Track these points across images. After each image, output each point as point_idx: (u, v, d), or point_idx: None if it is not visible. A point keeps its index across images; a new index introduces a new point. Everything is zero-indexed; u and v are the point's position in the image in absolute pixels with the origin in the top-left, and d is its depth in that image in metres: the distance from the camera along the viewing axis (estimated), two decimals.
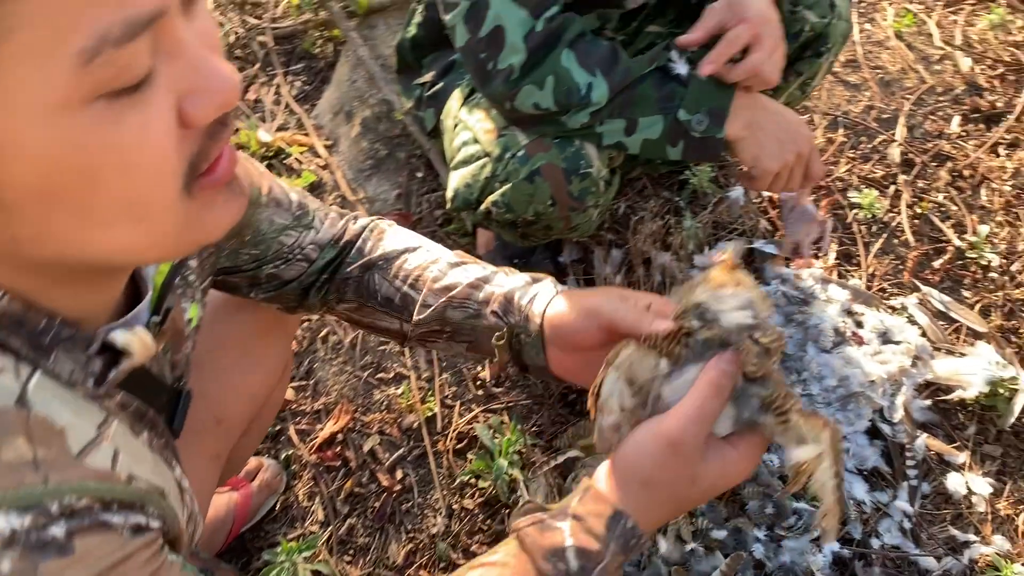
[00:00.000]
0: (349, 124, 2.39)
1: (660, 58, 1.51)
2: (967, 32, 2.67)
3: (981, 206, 2.28)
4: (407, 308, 1.10)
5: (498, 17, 1.45)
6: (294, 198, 1.12)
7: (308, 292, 1.17)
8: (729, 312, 0.85)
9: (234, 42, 2.69)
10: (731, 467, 0.85)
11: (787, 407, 0.84)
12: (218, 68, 0.56)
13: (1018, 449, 1.91)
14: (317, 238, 1.13)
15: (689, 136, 1.51)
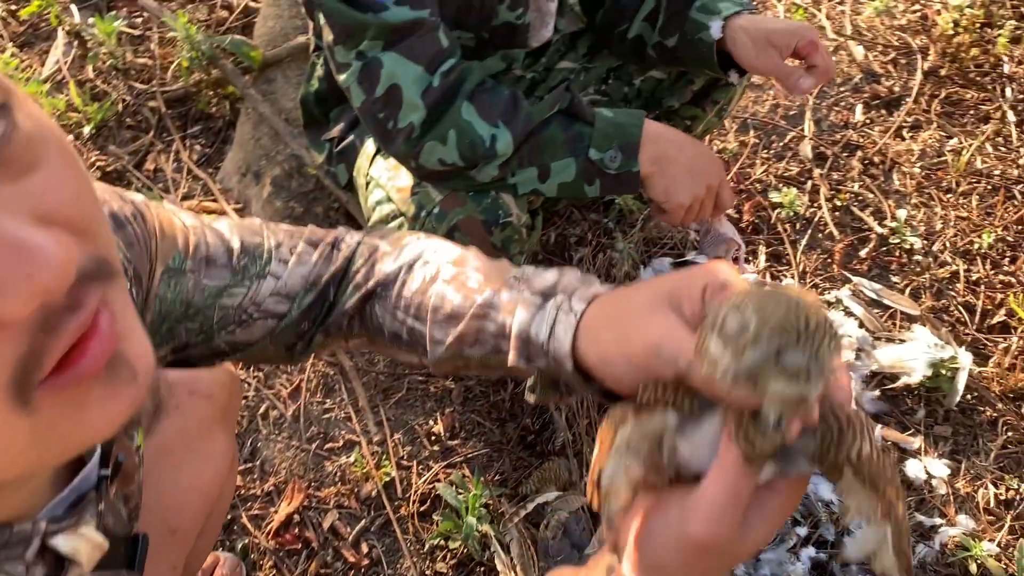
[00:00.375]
0: (259, 184, 2.29)
1: (563, 99, 1.48)
2: (855, 21, 2.74)
3: (896, 191, 2.34)
4: (418, 343, 0.94)
5: (392, 75, 1.40)
6: (235, 245, 0.94)
7: (293, 348, 1.02)
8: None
9: (123, 110, 2.56)
10: (774, 518, 0.71)
11: (840, 460, 0.69)
12: (23, 246, 0.41)
13: (966, 426, 1.96)
14: (280, 287, 0.95)
15: (604, 174, 1.49)
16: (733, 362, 0.61)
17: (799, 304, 0.62)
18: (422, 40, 1.41)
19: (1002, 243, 2.21)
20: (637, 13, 1.75)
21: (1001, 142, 2.42)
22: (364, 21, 1.39)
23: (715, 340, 0.62)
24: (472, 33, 1.67)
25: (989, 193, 2.31)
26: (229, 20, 2.65)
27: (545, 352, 0.82)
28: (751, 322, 0.60)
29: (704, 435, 0.70)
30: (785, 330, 0.60)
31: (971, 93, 2.54)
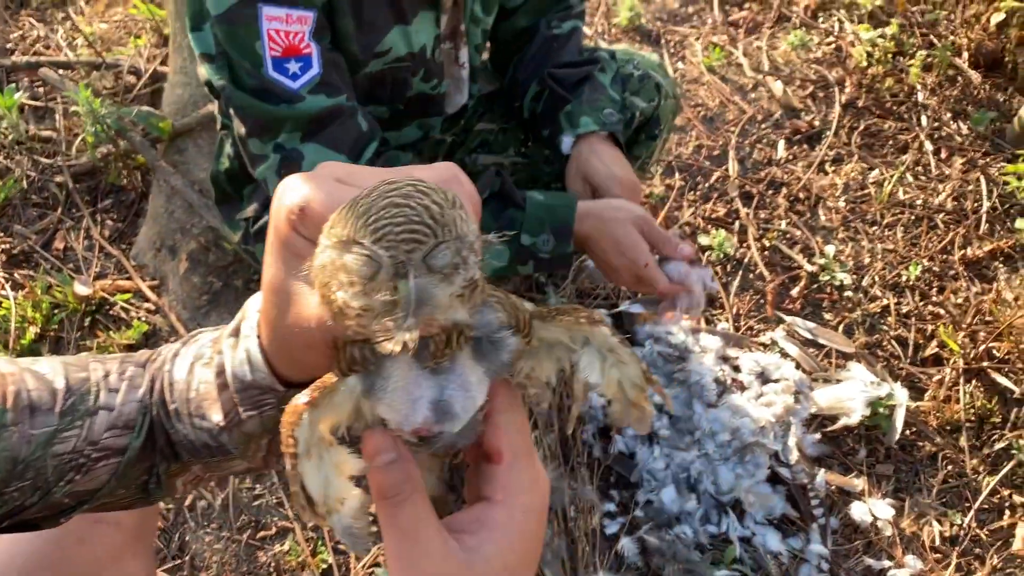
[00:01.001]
0: (175, 259, 2.20)
1: (494, 183, 1.45)
2: (772, 56, 2.77)
3: (822, 226, 2.35)
4: (224, 445, 0.84)
5: (314, 167, 1.35)
6: (60, 386, 0.85)
7: (147, 487, 0.92)
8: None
9: (28, 187, 2.44)
10: (515, 508, 0.64)
11: (522, 318, 0.62)
12: None
13: (907, 463, 1.96)
14: (115, 419, 0.86)
15: (538, 257, 1.47)
16: (389, 304, 0.51)
17: (409, 197, 0.52)
18: (343, 127, 1.37)
19: (929, 274, 2.23)
20: (527, 92, 1.74)
21: (921, 171, 2.45)
22: (280, 114, 1.33)
23: (351, 294, 0.52)
24: (386, 106, 1.62)
25: (913, 224, 2.34)
26: (137, 87, 2.56)
27: (260, 386, 0.76)
28: (378, 254, 0.51)
29: (396, 383, 0.60)
30: (418, 239, 0.51)
31: (889, 123, 2.57)
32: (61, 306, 2.16)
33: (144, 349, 0.95)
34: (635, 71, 1.78)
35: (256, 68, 1.32)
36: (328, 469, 0.63)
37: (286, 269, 0.64)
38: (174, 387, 0.85)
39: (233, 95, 1.36)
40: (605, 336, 0.65)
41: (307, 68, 1.35)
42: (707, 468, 1.90)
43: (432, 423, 0.60)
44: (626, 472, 1.92)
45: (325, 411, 0.62)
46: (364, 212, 0.51)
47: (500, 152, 1.88)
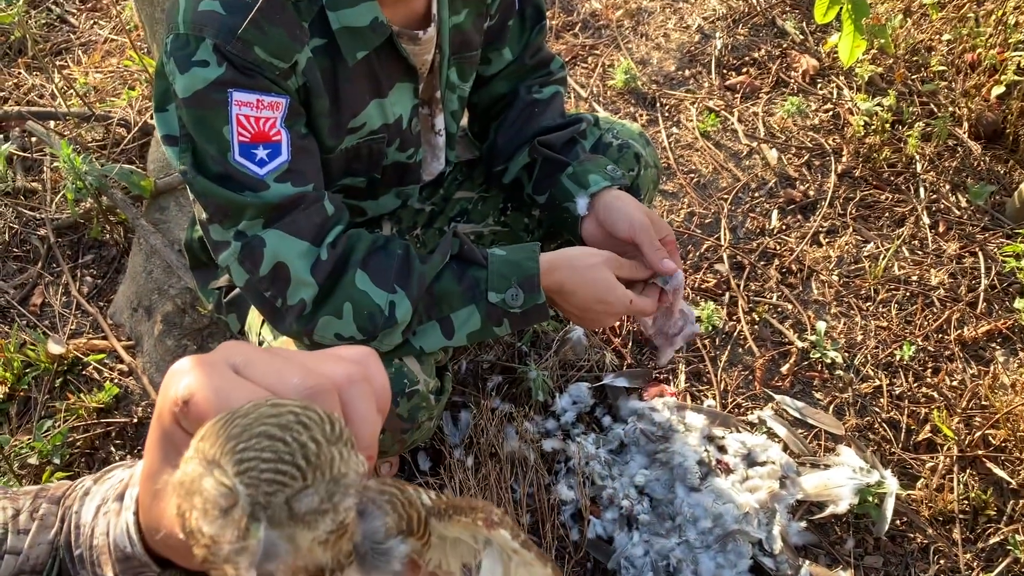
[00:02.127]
0: (151, 320, 2.16)
1: (452, 245, 1.41)
2: (768, 122, 2.73)
3: (814, 300, 2.29)
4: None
5: (276, 253, 1.31)
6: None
7: None
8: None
9: (10, 239, 2.42)
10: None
11: (416, 517, 0.58)
12: None
13: (897, 555, 1.88)
14: (23, 563, 0.81)
15: (510, 314, 1.42)
16: (238, 539, 0.46)
17: (286, 430, 0.47)
18: (306, 213, 1.33)
19: (923, 354, 2.17)
20: (515, 157, 1.70)
21: (917, 245, 2.40)
22: (242, 202, 1.29)
23: (204, 521, 0.47)
24: (363, 177, 1.59)
25: (908, 300, 2.28)
26: (126, 140, 2.54)
27: (142, 560, 0.70)
28: (238, 489, 0.46)
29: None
30: (282, 481, 0.46)
31: (886, 195, 2.52)
32: (33, 365, 2.12)
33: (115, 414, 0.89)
34: (614, 140, 1.74)
35: (222, 153, 1.29)
36: None
37: (162, 460, 0.59)
38: (80, 530, 0.80)
39: (195, 180, 1.32)
40: (505, 539, 0.61)
41: (275, 155, 1.31)
42: (687, 556, 1.83)
43: None
44: (603, 558, 1.85)
45: None
46: (236, 436, 0.47)
47: (479, 221, 1.84)
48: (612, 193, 1.55)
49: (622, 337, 2.22)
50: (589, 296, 1.45)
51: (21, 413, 2.08)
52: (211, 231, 1.37)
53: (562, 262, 1.46)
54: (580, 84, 2.88)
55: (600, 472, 1.96)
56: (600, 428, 2.07)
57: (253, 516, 0.46)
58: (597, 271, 1.46)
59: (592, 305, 1.46)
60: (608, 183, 1.56)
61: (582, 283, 1.45)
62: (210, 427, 0.49)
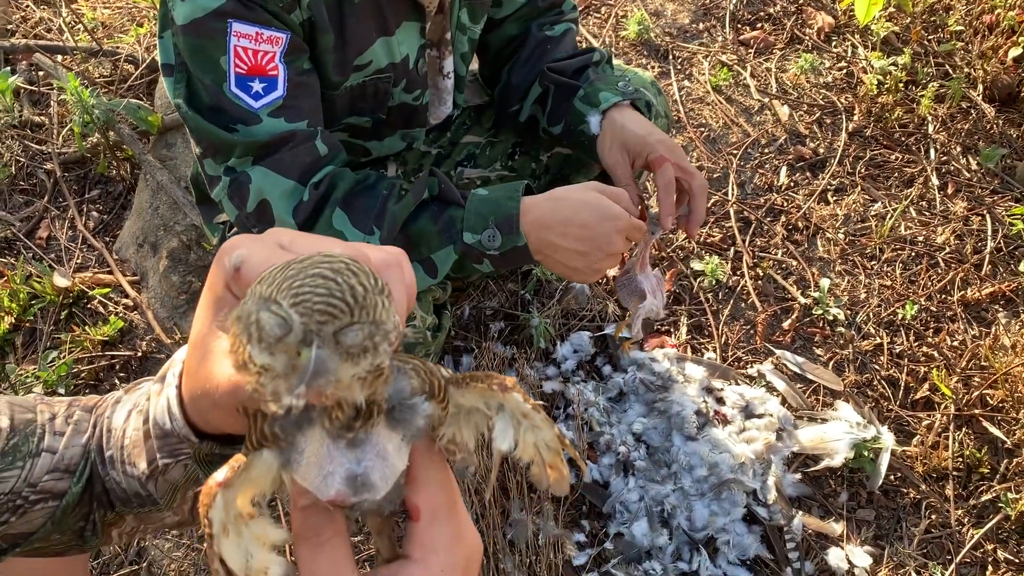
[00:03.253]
0: (156, 256, 2.16)
1: (430, 184, 1.39)
2: (781, 78, 2.71)
3: (819, 257, 2.29)
4: (152, 495, 0.85)
5: (261, 191, 1.31)
6: (3, 424, 0.87)
7: (83, 534, 0.91)
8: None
9: (17, 172, 2.42)
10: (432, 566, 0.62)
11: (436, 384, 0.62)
12: None
13: (890, 509, 1.90)
14: (58, 462, 0.86)
15: (488, 255, 1.40)
16: (289, 368, 0.52)
17: (337, 272, 0.53)
18: (293, 152, 1.32)
19: (925, 313, 2.17)
20: (528, 94, 1.68)
21: (925, 206, 2.39)
22: (230, 140, 1.30)
23: (258, 350, 0.52)
24: (368, 116, 1.58)
25: (912, 261, 2.27)
26: (133, 77, 2.53)
27: (179, 435, 0.75)
28: (292, 318, 0.51)
29: (309, 458, 0.60)
30: (333, 314, 0.51)
31: (896, 155, 2.51)
32: (39, 297, 2.13)
33: (119, 347, 0.93)
34: (628, 88, 1.73)
35: (217, 84, 1.28)
36: (249, 542, 0.62)
37: (211, 325, 0.64)
38: (111, 434, 0.85)
39: (188, 115, 1.32)
40: (517, 402, 0.66)
41: (271, 89, 1.31)
42: (682, 503, 1.85)
43: (348, 495, 0.60)
44: (598, 502, 1.87)
45: (243, 487, 0.61)
46: (291, 276, 0.52)
47: (486, 165, 1.84)
48: (626, 112, 1.52)
49: None
50: (588, 219, 1.34)
51: (27, 344, 2.10)
52: (205, 165, 1.38)
53: (544, 198, 1.39)
54: (592, 35, 2.85)
55: (598, 419, 1.98)
56: (600, 377, 2.08)
57: (305, 341, 0.50)
58: (584, 193, 1.37)
59: (597, 228, 1.34)
60: (619, 98, 1.53)
61: (572, 210, 1.35)
62: (266, 274, 0.54)
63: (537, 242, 1.37)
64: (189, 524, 0.93)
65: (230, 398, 0.62)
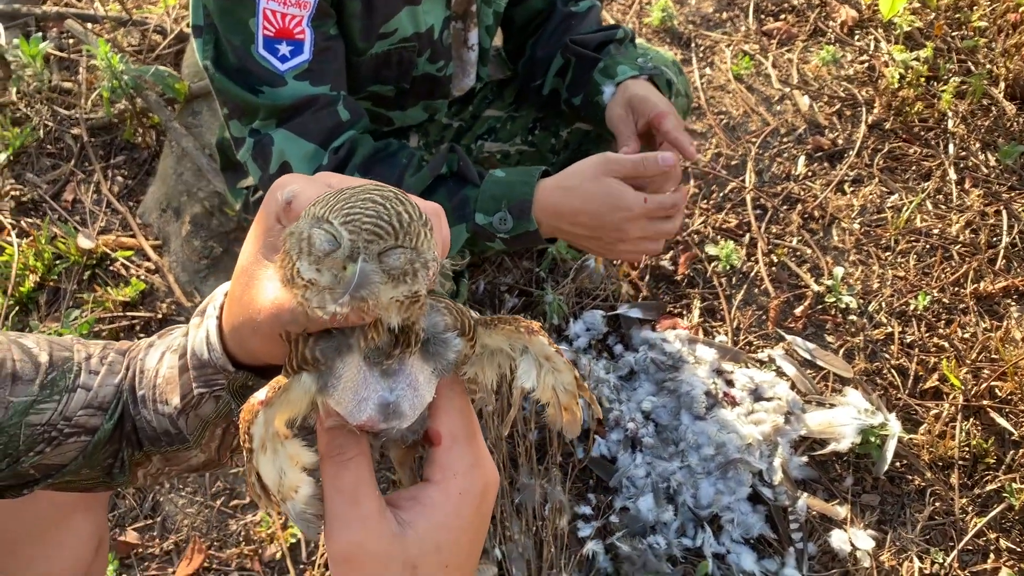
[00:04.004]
0: (179, 221, 2.20)
1: (449, 160, 1.41)
2: (802, 69, 2.72)
3: (834, 247, 2.30)
4: (181, 432, 0.88)
5: (282, 153, 1.35)
6: (43, 360, 0.90)
7: (112, 471, 0.95)
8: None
9: (45, 136, 2.46)
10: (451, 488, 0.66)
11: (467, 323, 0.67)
12: None
13: (894, 495, 1.91)
14: (92, 399, 0.90)
15: (499, 237, 1.42)
16: (334, 282, 0.56)
17: (386, 199, 0.57)
18: (316, 116, 1.35)
19: (938, 305, 2.18)
20: (550, 68, 1.70)
21: (941, 200, 2.40)
22: (255, 103, 1.33)
23: (306, 264, 0.57)
24: (392, 85, 1.61)
25: (927, 253, 2.28)
26: (161, 46, 2.56)
27: (215, 366, 0.79)
28: (341, 234, 0.56)
29: (346, 383, 0.65)
30: (379, 234, 0.56)
31: (914, 148, 2.51)
32: (63, 257, 2.18)
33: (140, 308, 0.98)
34: (647, 65, 1.75)
35: (244, 45, 1.31)
36: (283, 461, 0.67)
37: (259, 255, 0.68)
38: (143, 375, 0.89)
39: (215, 76, 1.35)
40: (542, 345, 0.70)
41: (297, 53, 1.34)
42: (688, 480, 1.87)
43: (378, 421, 0.65)
44: (605, 476, 1.90)
45: (281, 408, 0.66)
46: (344, 199, 0.57)
47: (506, 140, 1.86)
48: (639, 82, 1.54)
49: (639, 269, 2.24)
50: (598, 209, 1.34)
51: (50, 302, 2.14)
52: (231, 127, 1.41)
53: (557, 183, 1.38)
54: (615, 20, 2.87)
55: (608, 395, 2.01)
56: (611, 356, 2.10)
57: (351, 257, 0.55)
58: (594, 182, 1.35)
59: (607, 218, 1.35)
60: (636, 72, 1.55)
61: (582, 200, 1.35)
62: (320, 198, 0.59)
63: (548, 228, 1.40)
64: (214, 466, 0.97)
65: (272, 322, 0.66)
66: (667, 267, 2.24)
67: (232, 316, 0.74)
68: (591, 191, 1.35)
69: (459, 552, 0.66)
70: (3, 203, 2.31)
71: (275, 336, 0.67)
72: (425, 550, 0.64)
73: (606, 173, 1.35)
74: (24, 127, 2.44)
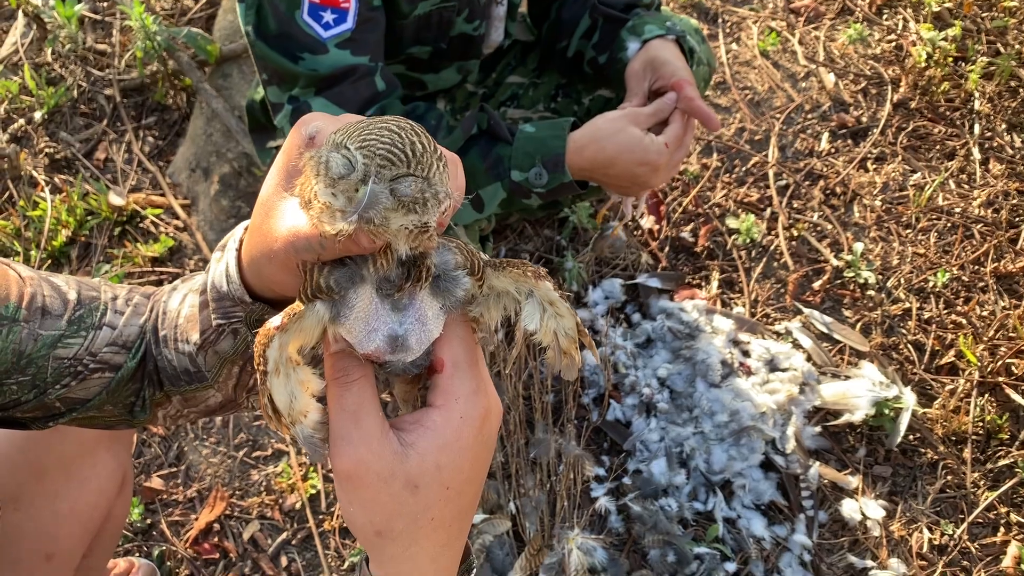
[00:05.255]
0: (207, 181, 2.24)
1: (480, 120, 1.43)
2: (829, 47, 2.71)
3: (855, 223, 2.31)
4: (200, 371, 0.93)
5: None
6: (71, 297, 0.94)
7: (133, 409, 1.00)
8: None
9: (78, 96, 2.51)
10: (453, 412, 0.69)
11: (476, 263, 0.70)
12: None
13: (906, 468, 1.93)
14: (116, 337, 0.94)
15: (536, 191, 1.45)
16: (347, 204, 0.59)
17: (402, 129, 0.60)
18: (354, 86, 1.38)
19: (957, 283, 2.18)
20: (576, 30, 1.72)
21: (964, 179, 2.39)
22: (295, 71, 1.36)
23: (322, 186, 0.60)
24: (430, 46, 1.63)
25: (948, 231, 2.28)
26: (193, 10, 2.60)
27: (233, 298, 0.83)
28: (356, 159, 0.58)
29: (357, 313, 0.68)
30: (392, 160, 0.58)
31: (939, 128, 2.51)
32: (94, 213, 2.23)
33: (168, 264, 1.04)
34: (675, 27, 1.76)
35: (290, 11, 1.34)
36: (294, 386, 0.70)
37: (280, 186, 0.72)
38: (166, 316, 0.94)
39: (255, 43, 1.38)
40: (547, 290, 0.73)
41: (341, 21, 1.36)
42: (701, 446, 1.90)
43: (385, 352, 0.68)
44: (619, 439, 1.93)
45: (294, 335, 0.69)
46: (363, 128, 0.60)
47: (529, 106, 1.88)
48: (665, 44, 1.55)
49: (659, 240, 2.26)
50: (627, 160, 1.42)
51: (81, 257, 2.19)
52: (269, 92, 1.44)
53: (587, 139, 1.44)
54: None
55: (625, 362, 2.03)
56: (629, 324, 2.13)
57: (364, 180, 0.58)
58: (623, 134, 1.43)
59: (633, 168, 1.44)
60: (663, 32, 1.56)
61: (615, 152, 1.42)
62: (341, 127, 0.62)
63: (580, 177, 1.46)
64: (231, 407, 1.01)
65: (288, 249, 0.69)
66: (687, 239, 2.26)
67: (251, 247, 0.77)
68: (620, 143, 1.42)
69: (460, 474, 0.69)
70: (37, 160, 2.36)
71: (291, 265, 0.70)
72: (426, 469, 0.67)
73: (632, 123, 1.43)
74: (59, 87, 2.49)
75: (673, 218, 2.30)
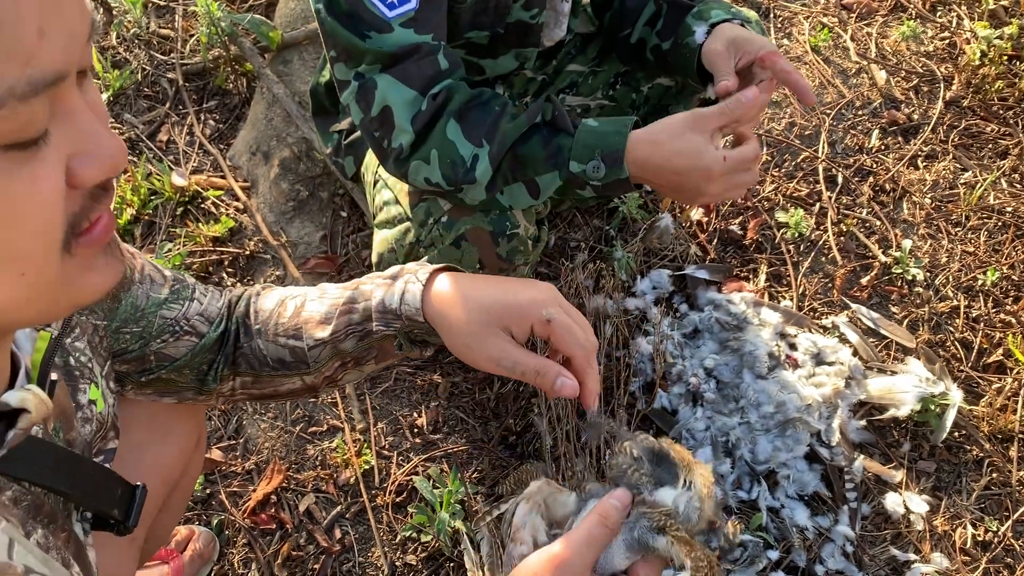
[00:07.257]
0: (267, 164, 2.30)
1: (544, 110, 1.46)
2: (881, 44, 2.71)
3: (904, 220, 2.32)
4: (301, 360, 1.12)
5: (385, 98, 1.42)
6: (168, 274, 1.13)
7: (205, 378, 1.16)
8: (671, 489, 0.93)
9: (142, 80, 2.58)
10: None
11: (666, 525, 0.92)
12: (107, 135, 0.59)
13: (951, 464, 1.94)
14: (203, 310, 1.14)
15: (591, 184, 1.47)
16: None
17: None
18: (418, 64, 1.42)
19: (1006, 281, 2.19)
20: (640, 17, 1.74)
21: (1017, 179, 2.39)
22: (362, 48, 1.40)
23: None
24: (487, 31, 1.67)
25: (999, 230, 2.28)
26: None
27: (399, 315, 1.03)
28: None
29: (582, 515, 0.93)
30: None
31: (992, 126, 2.50)
32: (158, 193, 2.30)
33: (229, 244, 1.26)
34: (738, 13, 1.77)
35: None
36: (531, 518, 0.97)
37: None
38: (259, 313, 1.14)
39: (325, 20, 1.43)
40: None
41: (405, 2, 1.40)
42: (747, 436, 1.93)
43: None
44: (666, 427, 1.96)
45: (549, 490, 1.00)
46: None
47: (587, 94, 1.91)
48: (735, 25, 1.54)
49: (708, 232, 2.28)
50: (680, 167, 1.39)
51: (145, 235, 2.27)
52: (336, 69, 1.49)
53: (647, 139, 1.41)
54: None
55: (672, 352, 2.06)
56: (676, 314, 2.16)
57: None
58: (681, 140, 1.38)
59: (688, 176, 1.39)
60: (729, 17, 1.57)
61: (667, 156, 1.39)
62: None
63: (635, 177, 1.45)
64: (303, 394, 1.17)
65: (491, 365, 1.00)
66: (736, 231, 2.28)
67: (455, 332, 1.00)
68: (676, 148, 1.39)
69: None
70: None
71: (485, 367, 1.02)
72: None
73: (693, 129, 1.38)
74: (123, 70, 2.56)
75: (722, 211, 2.33)
